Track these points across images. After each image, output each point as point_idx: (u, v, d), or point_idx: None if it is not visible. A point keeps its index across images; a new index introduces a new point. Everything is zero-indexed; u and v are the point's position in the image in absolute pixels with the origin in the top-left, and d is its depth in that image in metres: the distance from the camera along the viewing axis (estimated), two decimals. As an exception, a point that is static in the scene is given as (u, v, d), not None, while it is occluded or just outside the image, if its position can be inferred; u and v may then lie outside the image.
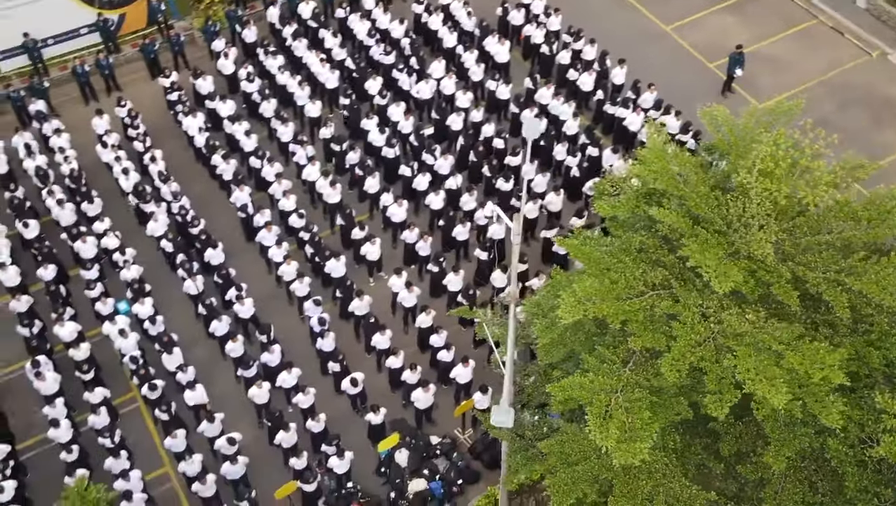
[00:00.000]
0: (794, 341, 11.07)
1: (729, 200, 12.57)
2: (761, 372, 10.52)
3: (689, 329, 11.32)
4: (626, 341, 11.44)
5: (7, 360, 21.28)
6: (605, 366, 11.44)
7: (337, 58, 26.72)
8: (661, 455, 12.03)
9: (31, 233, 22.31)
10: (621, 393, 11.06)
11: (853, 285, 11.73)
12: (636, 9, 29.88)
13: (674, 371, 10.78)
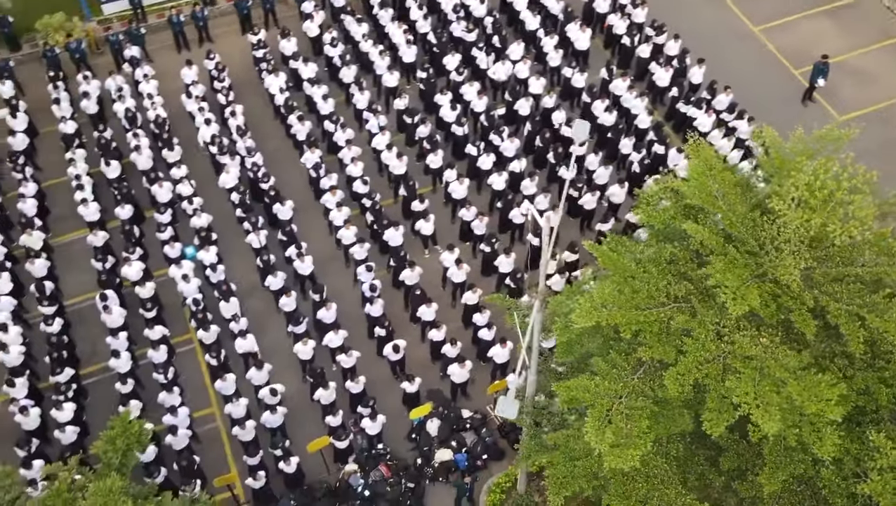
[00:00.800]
0: (800, 371, 11.31)
1: (764, 223, 12.77)
2: (759, 397, 10.84)
3: (700, 346, 11.65)
4: (638, 350, 11.84)
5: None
6: (615, 371, 11.90)
7: (420, 30, 27.25)
8: (662, 461, 12.48)
9: (112, 173, 23.67)
10: (625, 399, 11.52)
11: (872, 322, 11.86)
12: (727, 6, 29.52)
13: (677, 385, 11.17)
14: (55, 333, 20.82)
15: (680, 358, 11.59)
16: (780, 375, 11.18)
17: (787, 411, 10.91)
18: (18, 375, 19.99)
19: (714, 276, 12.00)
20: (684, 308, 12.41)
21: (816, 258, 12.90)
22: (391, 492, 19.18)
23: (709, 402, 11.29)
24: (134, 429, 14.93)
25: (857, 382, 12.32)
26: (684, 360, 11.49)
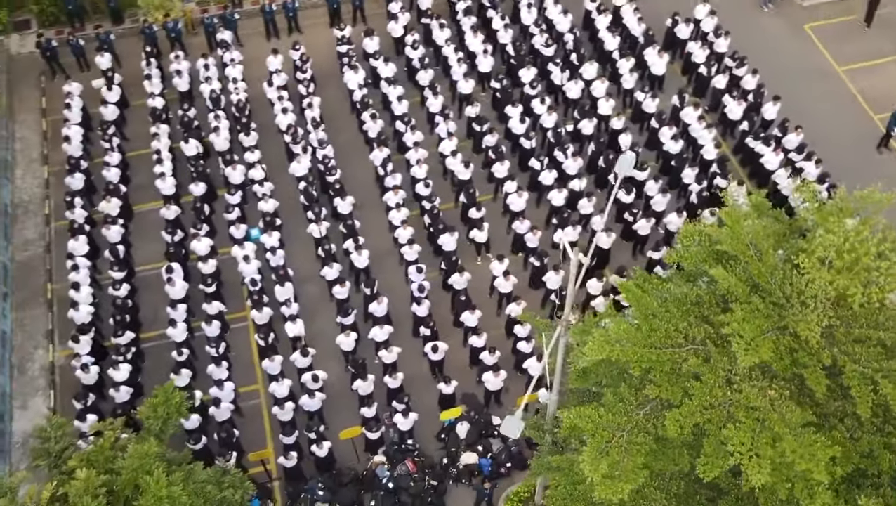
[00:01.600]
0: (801, 428, 11.59)
1: (793, 276, 13.02)
2: (754, 449, 11.18)
3: (707, 391, 12.02)
4: (646, 387, 12.27)
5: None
6: (621, 405, 12.37)
7: (500, 40, 27.80)
8: (661, 496, 12.90)
9: (191, 150, 24.94)
10: (626, 433, 11.99)
11: (884, 388, 12.05)
12: (813, 43, 29.23)
13: (677, 426, 11.59)
14: (121, 296, 22.18)
15: (685, 400, 11.98)
16: (779, 429, 11.48)
17: (780, 466, 11.23)
18: (84, 332, 21.40)
19: (731, 324, 12.32)
20: (700, 351, 12.78)
21: (840, 317, 13.07)
22: (414, 487, 19.94)
23: (706, 446, 11.68)
24: (175, 400, 15.99)
25: (862, 444, 12.53)
26: (689, 403, 11.88)
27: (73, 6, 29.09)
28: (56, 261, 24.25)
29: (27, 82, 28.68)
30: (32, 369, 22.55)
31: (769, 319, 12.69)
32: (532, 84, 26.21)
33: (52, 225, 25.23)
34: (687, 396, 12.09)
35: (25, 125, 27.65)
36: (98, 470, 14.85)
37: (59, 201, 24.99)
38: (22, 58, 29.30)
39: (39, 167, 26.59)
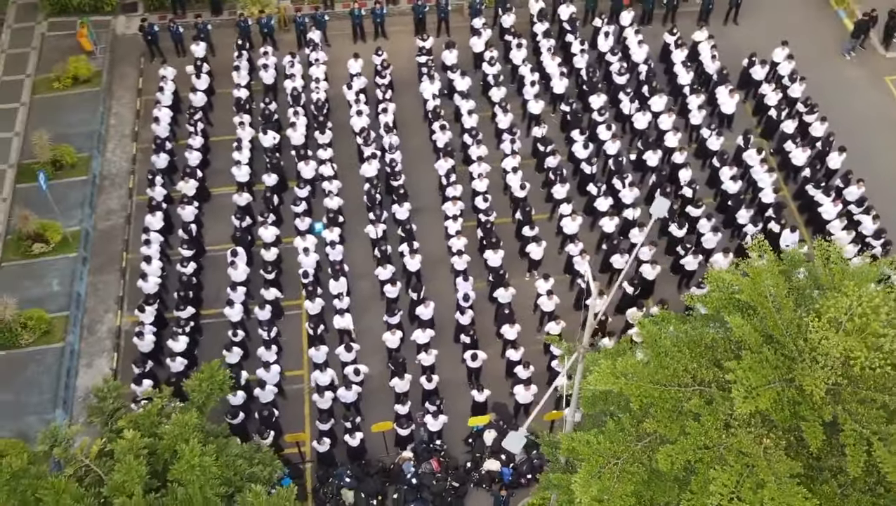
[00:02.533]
0: (787, 478, 12.15)
1: (808, 332, 13.52)
2: (735, 492, 11.79)
3: (703, 432, 12.65)
4: (645, 421, 12.96)
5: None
6: (621, 435, 13.09)
7: (576, 65, 28.50)
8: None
9: (268, 142, 26.36)
10: (621, 462, 12.72)
11: (876, 450, 12.50)
12: (892, 95, 29.11)
13: (668, 461, 12.26)
14: (188, 273, 23.70)
15: (681, 438, 12.65)
16: (765, 476, 12.07)
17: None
18: (150, 303, 22.99)
19: (736, 371, 12.91)
20: (705, 393, 13.42)
21: (849, 377, 13.53)
22: (436, 486, 20.91)
23: (693, 484, 12.32)
24: (219, 377, 17.28)
25: (850, 502, 13.00)
26: (683, 441, 12.54)
27: (177, -5, 30.95)
28: (133, 233, 25.96)
29: (128, 62, 30.62)
30: (101, 331, 24.26)
31: (777, 370, 13.20)
32: (600, 111, 26.85)
33: (133, 199, 26.98)
34: (684, 434, 12.74)
35: (121, 102, 29.54)
36: (143, 433, 16.24)
37: (143, 177, 26.70)
38: (126, 39, 31.27)
39: (129, 143, 28.42)
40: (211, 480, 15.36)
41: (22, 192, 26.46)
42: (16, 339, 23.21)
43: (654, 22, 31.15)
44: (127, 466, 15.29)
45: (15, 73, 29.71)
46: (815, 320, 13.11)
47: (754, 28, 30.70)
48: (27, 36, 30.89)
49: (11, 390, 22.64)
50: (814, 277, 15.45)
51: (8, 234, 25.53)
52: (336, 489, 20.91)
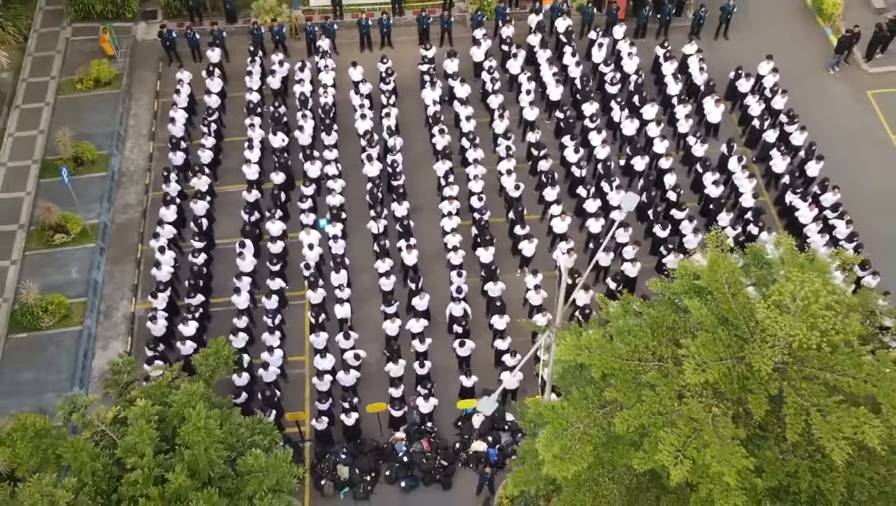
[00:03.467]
0: (730, 440, 13.52)
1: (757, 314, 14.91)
2: (681, 451, 13.16)
3: (658, 401, 14.04)
4: (606, 390, 14.36)
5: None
6: (584, 402, 14.49)
7: (571, 74, 30.00)
8: (612, 486, 14.94)
9: (277, 143, 27.94)
10: (583, 426, 14.11)
11: (813, 419, 13.86)
12: (872, 109, 30.46)
13: (624, 425, 13.64)
14: (199, 263, 25.25)
15: (637, 405, 14.03)
16: (710, 439, 13.43)
17: (701, 467, 13.19)
18: (163, 290, 24.54)
19: (689, 347, 14.32)
20: (662, 368, 14.82)
21: (795, 357, 14.92)
22: (426, 464, 22.33)
23: (645, 444, 13.69)
24: (224, 352, 18.77)
25: (789, 465, 14.36)
26: (639, 407, 13.92)
27: (195, 2, 32.57)
28: (148, 226, 27.53)
29: (147, 66, 32.32)
30: (116, 316, 25.82)
31: (729, 348, 14.61)
32: (592, 117, 28.32)
33: (149, 194, 28.58)
34: (640, 401, 14.13)
35: (140, 104, 31.22)
36: (154, 401, 17.73)
37: (159, 174, 28.32)
38: (145, 44, 33.00)
39: (146, 142, 30.07)
40: (215, 443, 16.83)
41: (45, 186, 28.12)
42: (37, 322, 24.80)
43: (648, 36, 32.60)
44: (139, 429, 16.78)
45: (41, 75, 31.45)
46: (762, 303, 14.52)
47: (744, 43, 32.09)
48: (52, 40, 32.65)
49: (32, 368, 24.22)
50: (770, 270, 16.89)
51: (31, 225, 27.15)
52: (332, 465, 22.35)
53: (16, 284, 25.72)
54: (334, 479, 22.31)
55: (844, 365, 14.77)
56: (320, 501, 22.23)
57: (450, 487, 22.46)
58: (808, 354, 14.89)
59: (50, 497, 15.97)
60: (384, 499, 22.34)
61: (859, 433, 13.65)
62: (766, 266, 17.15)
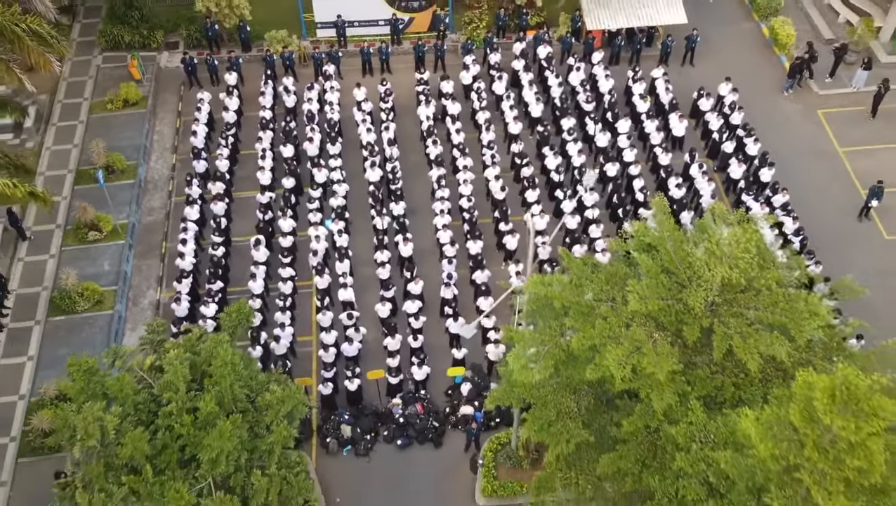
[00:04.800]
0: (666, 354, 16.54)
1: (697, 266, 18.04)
2: (624, 362, 16.14)
3: (608, 327, 17.09)
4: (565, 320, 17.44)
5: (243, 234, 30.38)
6: (548, 330, 17.54)
7: (551, 94, 33.51)
8: (573, 405, 17.89)
9: (287, 153, 31.31)
10: (546, 347, 17.15)
11: (734, 342, 16.87)
12: (822, 126, 33.88)
13: (579, 344, 16.69)
14: (218, 255, 28.37)
15: (591, 330, 17.08)
16: (648, 352, 16.45)
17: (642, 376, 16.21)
18: (186, 277, 27.64)
19: (634, 286, 17.42)
20: (613, 306, 17.91)
21: (726, 299, 18.00)
22: (420, 424, 25.20)
23: (597, 358, 16.71)
24: (245, 310, 21.81)
25: (716, 380, 17.37)
26: (592, 331, 16.97)
27: (213, 34, 36.21)
28: (171, 226, 30.73)
29: (169, 89, 35.86)
30: (143, 303, 28.87)
31: (670, 291, 17.74)
32: (570, 131, 31.72)
33: (172, 199, 31.84)
34: (592, 327, 17.19)
35: (163, 122, 34.68)
36: (185, 350, 20.75)
37: (181, 181, 31.65)
38: (168, 71, 36.57)
39: (170, 155, 33.45)
40: (238, 380, 19.82)
41: (79, 191, 31.41)
42: (74, 305, 27.85)
43: (622, 63, 36.17)
44: (174, 369, 19.78)
45: (74, 97, 34.96)
46: (693, 249, 17.69)
47: (708, 69, 35.62)
48: (85, 67, 36.23)
49: (69, 346, 27.14)
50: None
51: (68, 225, 30.36)
52: (336, 425, 25.23)
53: (54, 275, 28.83)
54: (338, 438, 25.16)
55: (764, 303, 17.90)
56: (326, 457, 25.04)
57: (441, 445, 25.32)
58: (736, 297, 18.04)
59: (100, 421, 18.92)
60: (382, 456, 25.19)
61: (771, 350, 16.72)
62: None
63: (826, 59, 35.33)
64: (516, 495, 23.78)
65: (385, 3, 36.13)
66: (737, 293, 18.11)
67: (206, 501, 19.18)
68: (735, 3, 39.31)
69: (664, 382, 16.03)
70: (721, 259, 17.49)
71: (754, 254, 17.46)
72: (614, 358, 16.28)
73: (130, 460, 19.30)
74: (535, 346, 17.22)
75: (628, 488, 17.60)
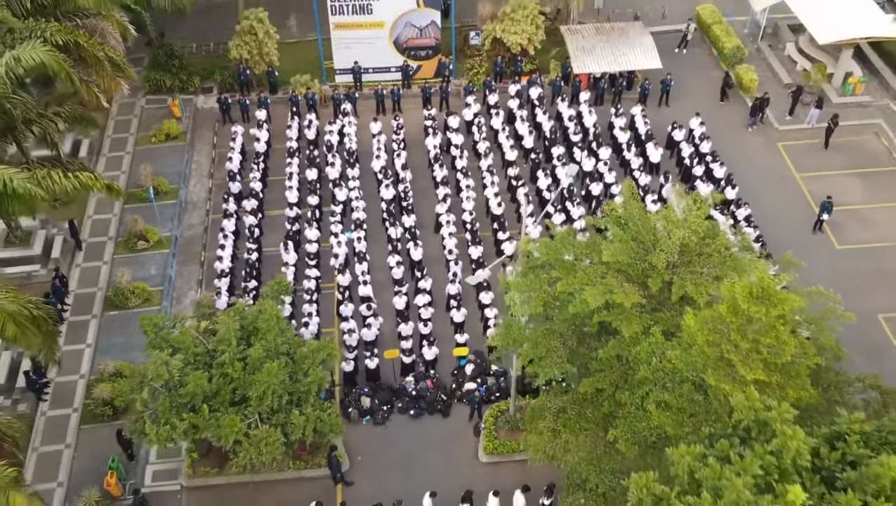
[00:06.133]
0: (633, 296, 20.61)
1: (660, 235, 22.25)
2: (599, 298, 20.15)
3: (587, 277, 21.19)
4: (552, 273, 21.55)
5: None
6: (537, 280, 21.64)
7: (543, 127, 38.20)
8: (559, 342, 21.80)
9: (311, 175, 35.82)
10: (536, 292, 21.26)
11: (688, 288, 20.93)
12: (782, 156, 38.45)
13: (564, 287, 20.78)
14: (252, 259, 32.56)
15: (572, 278, 21.17)
16: (618, 291, 20.50)
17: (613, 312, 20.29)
18: (224, 277, 31.77)
19: (607, 246, 21.59)
20: (590, 263, 22.07)
21: (684, 260, 22.14)
22: (429, 397, 29.02)
23: (576, 298, 20.72)
24: (284, 282, 25.92)
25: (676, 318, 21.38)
26: (573, 279, 21.06)
27: (245, 78, 41.08)
28: (209, 239, 34.97)
29: (205, 126, 40.57)
30: (185, 302, 32.90)
31: (637, 254, 21.92)
32: (559, 158, 36.25)
33: (209, 217, 36.17)
34: (574, 276, 21.29)
35: (201, 153, 39.27)
36: (234, 314, 24.81)
37: (217, 202, 36.07)
38: (204, 111, 41.36)
39: (206, 180, 37.93)
40: (280, 334, 23.83)
41: (128, 210, 35.81)
42: (126, 302, 31.93)
43: (605, 104, 40.93)
44: (226, 326, 23.86)
45: (122, 133, 39.69)
46: (660, 219, 21.95)
47: (681, 108, 40.27)
48: (130, 108, 41.02)
49: (123, 336, 31.14)
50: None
51: (118, 236, 34.63)
52: (357, 397, 29.04)
53: (108, 277, 32.97)
54: (359, 408, 28.94)
55: (714, 263, 22.03)
56: (348, 425, 28.72)
57: (448, 415, 29.10)
58: (692, 259, 22.20)
59: (167, 365, 22.87)
60: (397, 424, 28.94)
61: (717, 291, 20.80)
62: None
63: (785, 101, 40.13)
64: (514, 453, 27.48)
65: (397, 52, 41.10)
66: (693, 256, 22.30)
67: (254, 431, 23.05)
68: (705, 54, 44.35)
69: (630, 312, 20.08)
70: (678, 224, 21.77)
71: (704, 219, 21.79)
72: (592, 295, 20.36)
73: (191, 400, 23.23)
74: (527, 291, 21.32)
75: (606, 410, 21.48)
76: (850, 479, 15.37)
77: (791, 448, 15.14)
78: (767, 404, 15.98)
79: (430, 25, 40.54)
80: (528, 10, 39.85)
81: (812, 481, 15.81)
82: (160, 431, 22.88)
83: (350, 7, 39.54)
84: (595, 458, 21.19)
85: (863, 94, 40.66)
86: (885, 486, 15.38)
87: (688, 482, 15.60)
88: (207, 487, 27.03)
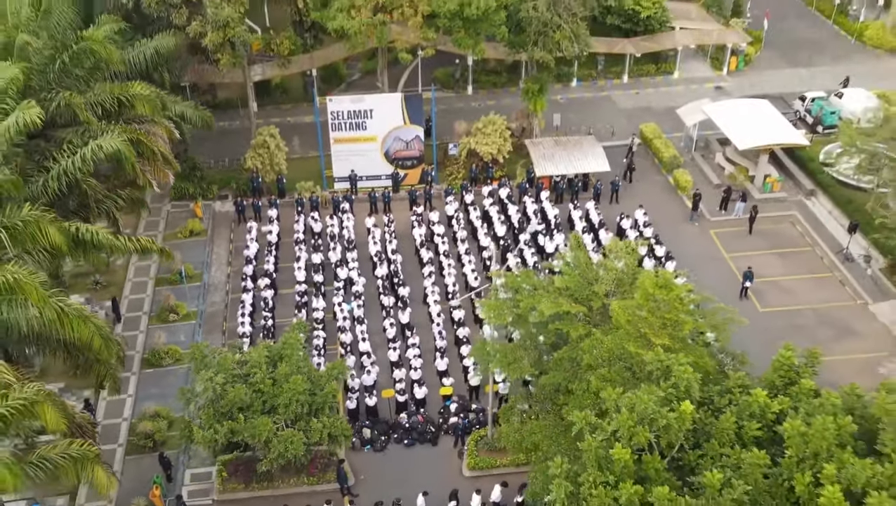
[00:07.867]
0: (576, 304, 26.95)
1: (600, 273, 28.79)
2: (550, 306, 26.42)
3: (545, 296, 27.54)
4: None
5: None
6: (508, 302, 27.92)
7: (511, 218, 45.29)
8: (524, 355, 27.88)
9: (316, 259, 42.41)
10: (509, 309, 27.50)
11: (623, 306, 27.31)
12: (713, 241, 45.56)
13: (525, 305, 27.08)
14: (268, 325, 38.55)
15: (533, 297, 27.48)
16: (565, 302, 26.80)
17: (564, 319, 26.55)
18: (245, 338, 37.68)
19: (558, 280, 28.08)
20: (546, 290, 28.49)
21: (618, 289, 28.61)
22: (420, 429, 34.55)
23: (536, 310, 26.99)
24: (302, 324, 31.93)
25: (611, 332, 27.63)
26: (534, 297, 27.37)
27: (257, 185, 48.21)
28: (229, 314, 41.01)
29: (223, 225, 47.34)
30: (210, 362, 38.60)
31: (582, 286, 28.41)
32: (526, 243, 43.10)
33: (228, 296, 42.35)
34: (534, 296, 27.60)
35: (219, 247, 45.86)
36: (262, 347, 30.76)
37: (234, 285, 42.36)
38: (222, 213, 48.25)
39: (225, 267, 44.35)
40: (301, 361, 29.73)
41: (158, 291, 41.94)
42: (160, 361, 37.68)
43: (565, 202, 48.17)
44: (257, 353, 29.81)
45: (151, 231, 46.27)
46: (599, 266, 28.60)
47: (629, 204, 47.57)
48: (158, 211, 47.83)
49: (158, 387, 36.73)
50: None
51: (151, 312, 40.66)
52: (359, 429, 34.52)
53: (144, 343, 38.78)
54: (361, 438, 34.35)
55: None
56: (351, 453, 34.08)
57: (437, 444, 34.60)
58: (624, 289, 28.68)
59: (212, 380, 28.64)
60: (394, 452, 34.36)
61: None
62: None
63: (716, 198, 47.60)
64: (493, 468, 32.88)
65: (387, 162, 48.56)
66: (626, 287, 28.78)
67: (281, 432, 28.65)
68: (648, 162, 52.13)
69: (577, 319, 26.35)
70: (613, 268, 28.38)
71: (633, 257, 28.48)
72: (546, 305, 26.68)
73: (230, 410, 28.89)
74: (496, 309, 27.60)
75: (561, 402, 27.35)
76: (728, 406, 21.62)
77: (684, 379, 21.29)
78: (670, 356, 22.22)
79: (415, 139, 48.21)
80: (496, 125, 47.76)
81: (702, 411, 21.96)
82: (205, 434, 28.39)
83: (347, 124, 47.23)
84: (554, 435, 26.86)
85: (780, 191, 48.29)
86: (755, 412, 21.56)
87: (614, 410, 21.60)
88: (235, 500, 32.11)
